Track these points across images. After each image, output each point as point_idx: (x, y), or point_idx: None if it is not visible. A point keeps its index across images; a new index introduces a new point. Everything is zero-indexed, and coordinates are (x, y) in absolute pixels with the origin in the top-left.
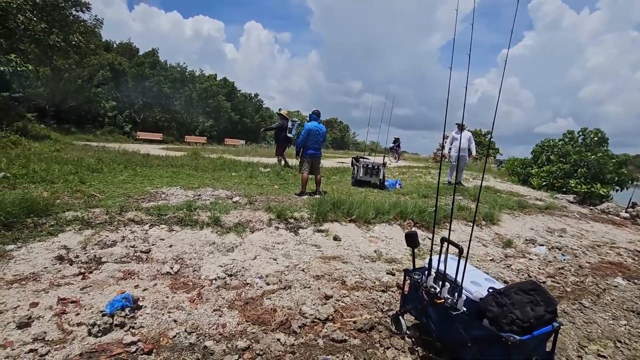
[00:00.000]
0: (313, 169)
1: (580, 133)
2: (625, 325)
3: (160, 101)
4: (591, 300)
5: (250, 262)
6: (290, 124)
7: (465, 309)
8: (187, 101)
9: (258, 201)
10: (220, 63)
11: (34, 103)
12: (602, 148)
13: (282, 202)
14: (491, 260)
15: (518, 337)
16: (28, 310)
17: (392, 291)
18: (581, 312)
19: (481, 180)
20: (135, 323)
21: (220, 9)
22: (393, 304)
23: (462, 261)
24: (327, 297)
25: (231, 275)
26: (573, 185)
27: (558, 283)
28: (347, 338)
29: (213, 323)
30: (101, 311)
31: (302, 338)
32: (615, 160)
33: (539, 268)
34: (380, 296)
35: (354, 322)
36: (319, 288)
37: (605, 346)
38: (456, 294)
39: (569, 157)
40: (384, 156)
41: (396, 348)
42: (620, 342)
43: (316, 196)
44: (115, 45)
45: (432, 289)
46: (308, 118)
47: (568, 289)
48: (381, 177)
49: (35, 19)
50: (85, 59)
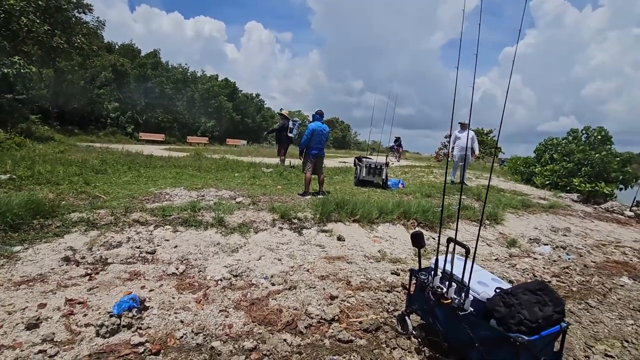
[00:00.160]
0: (316, 169)
1: (583, 131)
2: (632, 324)
3: (162, 102)
4: (597, 299)
5: (255, 263)
6: (291, 124)
7: (472, 310)
8: (189, 102)
9: (261, 201)
10: (221, 63)
11: (38, 105)
12: (606, 146)
13: (286, 203)
14: (496, 259)
15: (526, 338)
16: (36, 311)
17: (397, 291)
18: (587, 312)
19: (489, 179)
20: (142, 324)
21: (221, 9)
22: (398, 304)
23: (469, 261)
24: (333, 298)
25: (236, 275)
26: (577, 184)
27: (564, 282)
28: (353, 338)
29: (219, 324)
30: (108, 312)
31: (309, 338)
32: (619, 158)
33: (544, 267)
34: (385, 296)
35: (360, 323)
36: (324, 288)
37: (612, 346)
38: (463, 295)
39: (573, 156)
40: (387, 156)
41: (402, 348)
42: (627, 342)
43: (319, 196)
44: (117, 46)
45: (439, 290)
46: (311, 118)
47: (574, 289)
48: (384, 177)
49: (38, 21)
50: (87, 61)
